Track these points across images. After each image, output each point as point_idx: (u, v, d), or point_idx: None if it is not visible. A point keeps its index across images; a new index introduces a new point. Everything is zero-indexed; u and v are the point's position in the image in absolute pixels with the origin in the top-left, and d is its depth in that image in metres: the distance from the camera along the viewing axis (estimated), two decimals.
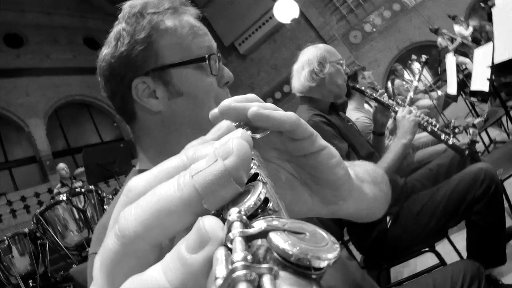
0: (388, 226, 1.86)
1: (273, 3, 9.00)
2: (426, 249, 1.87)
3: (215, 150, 0.24)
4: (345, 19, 11.78)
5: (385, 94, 2.14)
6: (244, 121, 0.37)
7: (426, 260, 2.43)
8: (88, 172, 4.88)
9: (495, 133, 4.34)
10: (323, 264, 0.19)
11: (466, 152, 1.93)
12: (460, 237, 2.20)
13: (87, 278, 0.77)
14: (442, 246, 2.11)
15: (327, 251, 0.19)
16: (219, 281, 0.18)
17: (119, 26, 0.83)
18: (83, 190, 4.52)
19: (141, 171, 0.87)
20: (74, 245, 4.38)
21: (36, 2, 11.08)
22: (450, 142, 1.94)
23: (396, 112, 2.00)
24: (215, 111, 0.37)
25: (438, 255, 1.87)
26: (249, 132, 0.35)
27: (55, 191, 6.58)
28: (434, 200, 1.80)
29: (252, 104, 0.37)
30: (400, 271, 2.69)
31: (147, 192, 0.24)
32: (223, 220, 0.22)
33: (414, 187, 2.11)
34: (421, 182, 2.18)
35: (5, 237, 4.24)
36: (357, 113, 2.99)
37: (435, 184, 1.96)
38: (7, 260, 4.22)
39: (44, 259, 4.69)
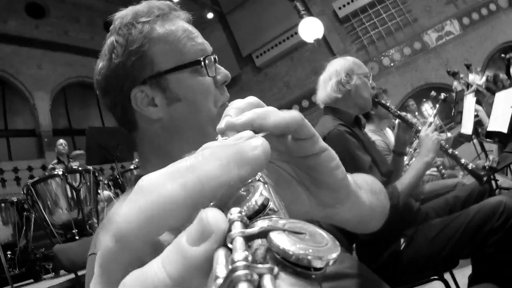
0: (402, 248, 1.82)
1: (300, 20, 9.02)
2: (436, 276, 1.86)
3: (228, 157, 0.24)
4: (365, 49, 11.84)
5: (409, 114, 2.13)
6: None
7: None
8: (88, 152, 4.75)
9: (501, 180, 4.30)
10: (323, 264, 0.19)
11: (485, 178, 1.91)
12: (460, 275, 2.21)
13: (73, 261, 0.78)
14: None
15: (327, 251, 0.19)
16: (219, 281, 0.17)
17: (111, 38, 0.83)
18: (80, 168, 4.43)
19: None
20: (61, 223, 4.27)
21: None
22: (469, 167, 1.93)
23: (419, 131, 1.98)
24: (221, 127, 0.37)
25: (446, 283, 1.85)
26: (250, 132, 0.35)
27: (50, 166, 6.48)
28: (451, 228, 1.77)
29: (257, 112, 0.38)
30: None
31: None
32: None
33: (428, 215, 2.09)
34: (436, 211, 2.16)
35: None
36: (374, 135, 2.96)
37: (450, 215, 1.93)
38: None
39: (27, 233, 4.60)
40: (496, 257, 1.67)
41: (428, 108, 10.27)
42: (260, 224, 0.21)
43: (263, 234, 0.20)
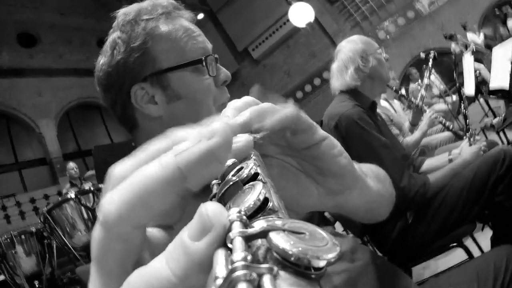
0: (410, 222, 1.77)
1: (289, 7, 8.95)
2: (455, 244, 1.80)
3: (198, 132, 0.25)
4: (359, 26, 11.71)
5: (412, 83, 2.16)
6: None
7: (448, 261, 2.40)
8: (98, 171, 4.75)
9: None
10: (323, 264, 0.19)
11: None
12: (482, 237, 2.19)
13: None
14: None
15: (327, 251, 0.19)
16: (219, 281, 0.18)
17: (114, 35, 0.84)
18: (92, 188, 4.44)
19: None
20: (82, 245, 4.26)
21: (52, 2, 11.12)
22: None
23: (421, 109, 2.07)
24: None
25: (466, 249, 1.80)
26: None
27: (64, 191, 6.53)
28: (457, 187, 1.73)
29: (253, 111, 0.38)
30: (421, 273, 2.61)
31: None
32: None
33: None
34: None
35: (10, 233, 4.18)
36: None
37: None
38: (11, 259, 4.15)
39: (51, 260, 4.62)
40: (508, 205, 1.64)
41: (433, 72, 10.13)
42: (260, 224, 0.21)
43: (263, 234, 0.20)
